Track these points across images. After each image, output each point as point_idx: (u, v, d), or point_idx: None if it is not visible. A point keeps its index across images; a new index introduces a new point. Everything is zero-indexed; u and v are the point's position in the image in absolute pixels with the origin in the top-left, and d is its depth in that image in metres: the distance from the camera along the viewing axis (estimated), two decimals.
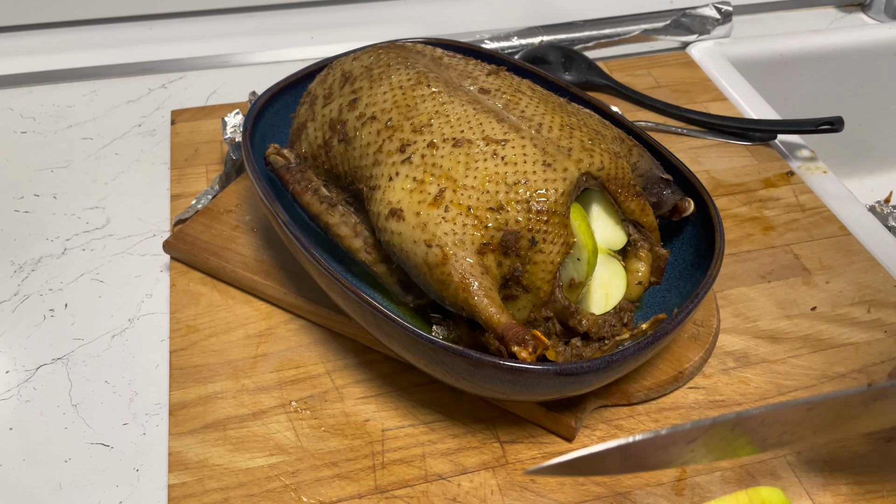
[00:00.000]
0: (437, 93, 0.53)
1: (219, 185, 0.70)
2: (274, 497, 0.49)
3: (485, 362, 0.44)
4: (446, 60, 0.59)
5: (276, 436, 0.52)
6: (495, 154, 0.48)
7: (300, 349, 0.58)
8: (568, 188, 0.48)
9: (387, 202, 0.50)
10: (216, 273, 0.62)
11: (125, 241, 0.68)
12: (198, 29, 0.96)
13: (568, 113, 0.53)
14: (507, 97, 0.53)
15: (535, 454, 0.52)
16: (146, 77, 0.89)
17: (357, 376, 0.56)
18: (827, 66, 0.98)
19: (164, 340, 0.59)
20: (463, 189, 0.48)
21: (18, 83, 0.86)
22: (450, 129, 0.50)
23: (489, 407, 0.54)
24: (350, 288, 0.48)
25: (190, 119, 0.80)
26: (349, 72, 0.59)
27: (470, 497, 0.49)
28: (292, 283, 0.60)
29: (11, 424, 0.54)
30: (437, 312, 0.54)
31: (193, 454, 0.51)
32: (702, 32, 0.96)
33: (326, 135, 0.56)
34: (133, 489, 0.50)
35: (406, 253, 0.49)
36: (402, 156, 0.51)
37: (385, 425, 0.53)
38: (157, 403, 0.55)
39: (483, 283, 0.46)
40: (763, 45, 0.96)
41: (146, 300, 0.63)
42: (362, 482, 0.50)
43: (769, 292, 0.64)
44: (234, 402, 0.54)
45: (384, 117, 0.53)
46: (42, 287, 0.64)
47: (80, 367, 0.58)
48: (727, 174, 0.76)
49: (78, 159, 0.77)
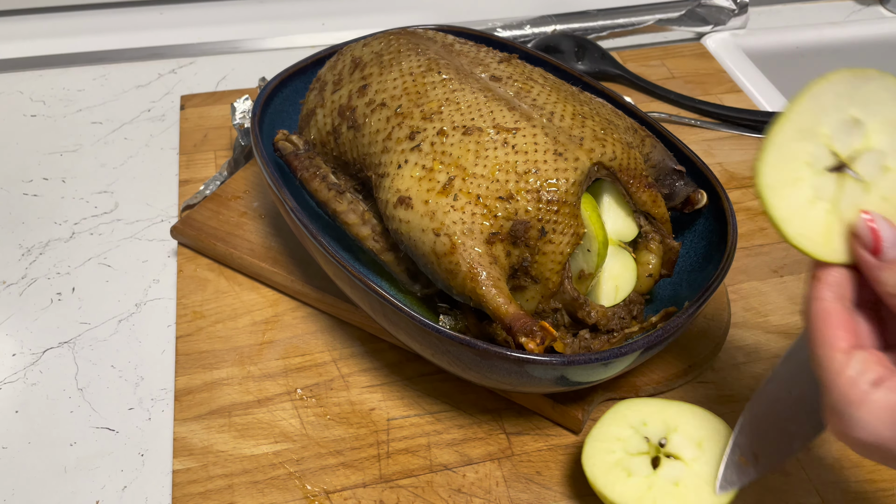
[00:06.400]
0: (447, 80, 0.52)
1: (227, 171, 0.69)
2: (278, 484, 0.49)
3: (492, 353, 0.43)
4: (458, 47, 0.58)
5: (281, 423, 0.52)
6: (506, 142, 0.48)
7: (306, 337, 0.58)
8: (579, 178, 0.47)
9: (395, 190, 0.49)
10: (223, 259, 0.62)
11: (133, 225, 0.68)
12: (208, 14, 0.95)
13: (580, 102, 0.52)
14: (519, 85, 0.52)
15: (541, 446, 0.51)
16: (156, 62, 0.88)
17: (363, 365, 0.56)
18: (843, 58, 0.97)
19: (171, 326, 0.59)
20: (472, 177, 0.47)
21: (28, 66, 0.86)
22: (460, 117, 0.50)
23: (495, 398, 0.54)
24: (357, 276, 0.48)
25: (199, 104, 0.79)
26: (359, 58, 0.58)
27: (475, 488, 0.49)
28: (299, 270, 0.60)
29: (17, 407, 0.54)
30: (445, 302, 0.54)
31: (198, 440, 0.51)
32: (717, 23, 0.95)
33: (336, 121, 0.56)
34: (138, 474, 0.50)
35: (414, 241, 0.48)
36: (412, 143, 0.50)
37: (390, 414, 0.53)
38: (162, 389, 0.55)
39: (491, 273, 0.46)
40: (779, 37, 0.95)
41: (153, 285, 0.63)
42: (367, 471, 0.50)
43: (781, 287, 0.63)
44: (240, 388, 0.54)
45: (394, 104, 0.52)
46: (50, 271, 0.64)
47: (87, 351, 0.58)
48: (741, 167, 0.75)
49: (87, 143, 0.77)
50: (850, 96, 0.37)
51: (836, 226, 0.37)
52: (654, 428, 0.47)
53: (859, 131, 0.37)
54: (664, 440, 0.46)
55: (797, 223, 0.37)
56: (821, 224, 0.37)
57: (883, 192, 0.36)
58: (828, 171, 0.37)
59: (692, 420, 0.47)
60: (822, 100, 0.37)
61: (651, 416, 0.48)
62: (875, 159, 0.37)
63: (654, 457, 0.46)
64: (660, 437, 0.47)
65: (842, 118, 0.37)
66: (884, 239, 0.35)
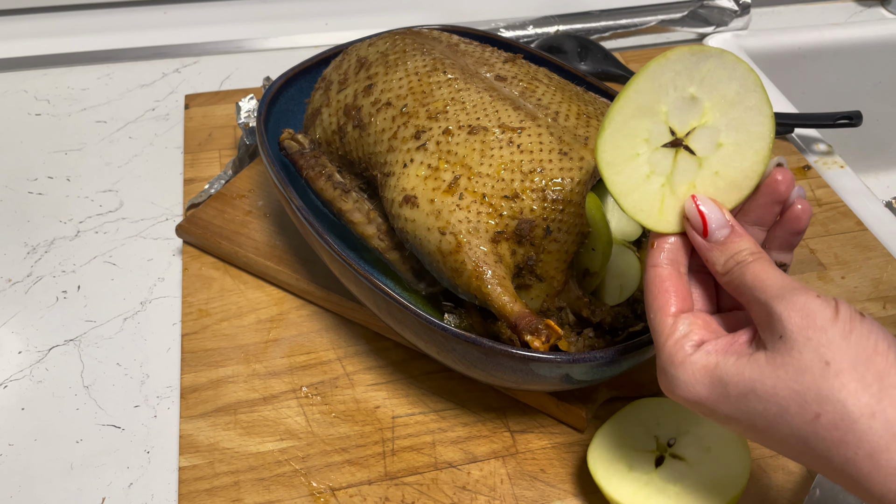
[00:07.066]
0: (453, 79, 0.53)
1: (232, 170, 0.70)
2: (284, 481, 0.49)
3: (497, 350, 0.44)
4: (462, 47, 0.58)
5: (286, 421, 0.52)
6: (511, 142, 0.48)
7: (311, 335, 0.58)
8: (584, 177, 0.47)
9: (401, 189, 0.50)
10: (228, 258, 0.62)
11: (138, 224, 0.68)
12: (212, 14, 0.96)
13: (585, 102, 0.53)
14: (524, 85, 0.53)
15: (545, 444, 0.52)
16: (160, 61, 0.89)
17: (368, 363, 0.56)
18: (845, 60, 0.97)
19: (176, 324, 0.60)
20: (478, 177, 0.48)
21: (33, 65, 0.86)
22: (465, 117, 0.50)
23: (500, 396, 0.54)
24: (362, 274, 0.48)
25: (203, 104, 0.80)
26: (365, 57, 0.58)
27: (479, 485, 0.49)
28: (304, 268, 0.60)
29: (24, 405, 0.54)
30: (449, 301, 0.54)
31: (204, 437, 0.51)
32: (719, 24, 0.95)
33: (341, 120, 0.56)
34: (144, 471, 0.51)
35: (419, 240, 0.49)
36: (417, 142, 0.50)
37: (395, 412, 0.53)
38: (168, 386, 0.55)
39: (496, 272, 0.46)
40: (781, 38, 0.95)
41: (158, 284, 0.63)
42: (372, 468, 0.50)
43: None
44: (245, 386, 0.54)
45: (399, 103, 0.53)
46: (55, 269, 0.64)
47: (92, 348, 0.58)
48: None
49: (91, 142, 0.77)
50: (689, 74, 0.38)
51: (671, 200, 0.38)
52: (666, 428, 0.47)
53: (696, 108, 0.38)
54: (673, 440, 0.47)
55: (634, 197, 0.38)
56: (656, 198, 0.38)
57: (714, 167, 0.38)
58: (664, 148, 0.38)
59: (705, 424, 0.47)
60: (661, 79, 0.38)
61: (665, 416, 0.48)
62: (709, 135, 0.38)
63: (658, 455, 0.46)
64: (669, 437, 0.47)
65: (680, 96, 0.38)
66: (710, 221, 0.37)
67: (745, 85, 0.38)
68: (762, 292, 0.34)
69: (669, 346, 0.36)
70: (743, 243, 0.37)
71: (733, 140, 0.38)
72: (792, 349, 0.32)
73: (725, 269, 0.37)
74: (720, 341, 0.36)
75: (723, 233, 0.37)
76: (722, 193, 0.38)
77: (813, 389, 0.32)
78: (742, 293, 0.36)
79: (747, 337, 0.36)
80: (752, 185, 0.38)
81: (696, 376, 0.35)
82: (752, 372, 0.33)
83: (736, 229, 0.37)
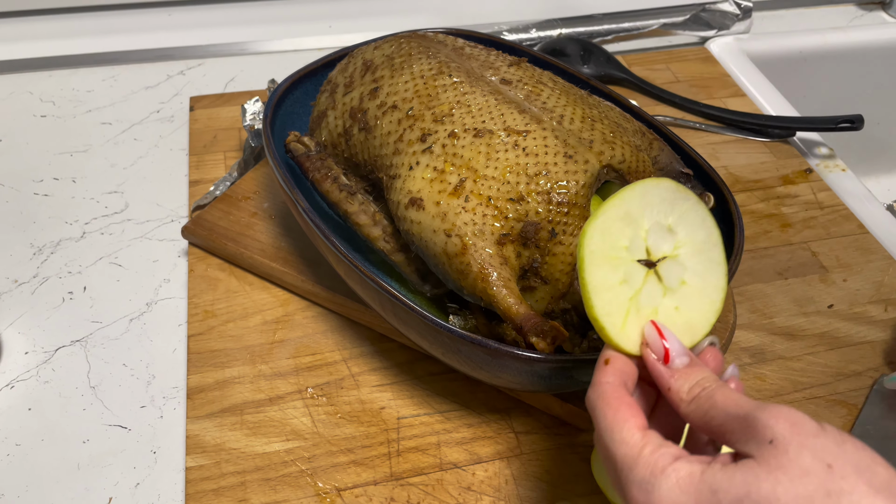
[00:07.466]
0: (458, 83, 0.53)
1: (237, 172, 0.70)
2: (290, 482, 0.49)
3: (502, 352, 0.44)
4: (468, 51, 0.59)
5: (292, 421, 0.53)
6: (516, 145, 0.48)
7: (317, 336, 0.58)
8: (589, 180, 0.48)
9: (407, 191, 0.50)
10: (234, 259, 0.63)
11: (143, 225, 0.68)
12: (217, 16, 0.96)
13: (589, 105, 0.53)
14: (529, 88, 0.53)
15: (549, 445, 0.52)
16: (165, 63, 0.89)
17: (373, 364, 0.56)
18: (846, 63, 0.98)
19: (182, 325, 0.60)
20: (483, 179, 0.48)
21: (38, 67, 0.87)
22: (471, 120, 0.50)
23: (504, 397, 0.55)
24: (368, 275, 0.48)
25: (208, 106, 0.80)
26: (370, 60, 0.59)
27: (484, 486, 0.50)
28: (310, 270, 0.60)
29: (30, 405, 0.55)
30: (455, 302, 0.54)
31: (210, 437, 0.51)
32: (721, 28, 0.95)
33: (347, 123, 0.57)
34: (150, 471, 0.51)
35: (425, 242, 0.49)
36: (423, 145, 0.51)
37: (400, 413, 0.53)
38: (174, 387, 0.56)
39: (502, 274, 0.46)
40: (782, 42, 0.96)
41: (164, 285, 0.63)
42: (378, 469, 0.50)
43: (786, 289, 0.63)
44: (251, 387, 0.55)
45: (405, 106, 0.53)
46: (61, 270, 0.64)
47: (99, 349, 0.58)
48: (745, 170, 0.75)
49: (97, 144, 0.77)
50: (671, 206, 0.39)
51: (634, 317, 0.38)
52: None
53: (672, 240, 0.39)
54: None
55: (607, 297, 0.38)
56: (623, 308, 0.38)
57: (676, 301, 0.38)
58: (639, 263, 0.39)
59: None
60: (650, 197, 0.39)
61: None
62: (677, 270, 0.39)
63: None
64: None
65: (661, 221, 0.39)
66: (672, 348, 0.37)
67: (710, 238, 0.39)
68: (738, 408, 0.33)
69: (647, 456, 0.34)
70: (705, 371, 0.36)
71: (696, 284, 0.38)
72: (787, 452, 0.31)
73: (691, 395, 0.35)
74: (696, 455, 0.34)
75: (682, 360, 0.36)
76: (678, 330, 0.38)
77: (821, 490, 0.30)
78: (712, 416, 0.34)
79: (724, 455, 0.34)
80: (702, 334, 0.38)
81: (682, 485, 0.32)
82: (745, 476, 0.31)
83: (693, 359, 0.37)
